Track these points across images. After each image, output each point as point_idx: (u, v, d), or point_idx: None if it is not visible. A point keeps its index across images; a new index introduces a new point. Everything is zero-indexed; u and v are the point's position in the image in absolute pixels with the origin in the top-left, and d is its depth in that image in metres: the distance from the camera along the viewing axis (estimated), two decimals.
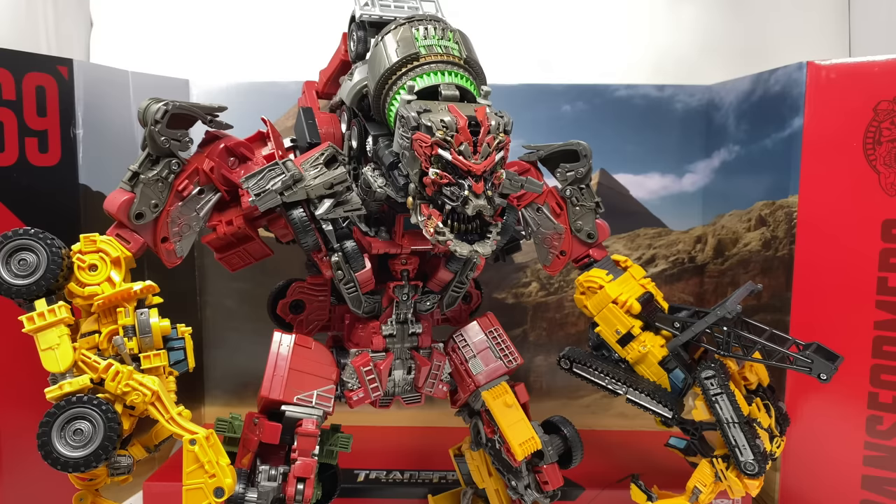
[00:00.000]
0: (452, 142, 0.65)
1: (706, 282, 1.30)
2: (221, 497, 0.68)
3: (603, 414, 1.33)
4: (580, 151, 0.87)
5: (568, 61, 1.48)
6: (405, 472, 1.13)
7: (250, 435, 0.80)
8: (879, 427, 1.01)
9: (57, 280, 0.71)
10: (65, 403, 0.67)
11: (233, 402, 1.32)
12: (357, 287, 0.80)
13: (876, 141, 0.99)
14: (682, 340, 0.82)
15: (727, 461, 0.80)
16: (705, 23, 1.51)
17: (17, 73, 0.99)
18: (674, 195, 1.30)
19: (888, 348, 1.00)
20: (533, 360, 1.33)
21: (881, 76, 0.98)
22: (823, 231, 1.02)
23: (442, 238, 0.67)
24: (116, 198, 0.76)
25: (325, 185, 0.74)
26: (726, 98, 1.23)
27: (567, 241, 0.89)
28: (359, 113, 0.80)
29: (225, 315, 1.32)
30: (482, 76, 0.74)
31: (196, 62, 1.46)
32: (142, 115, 0.76)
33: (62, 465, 0.66)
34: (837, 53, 1.50)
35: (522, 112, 1.24)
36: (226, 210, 0.82)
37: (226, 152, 0.81)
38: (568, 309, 1.32)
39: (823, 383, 0.75)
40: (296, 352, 0.81)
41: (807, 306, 1.04)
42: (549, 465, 0.86)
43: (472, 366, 0.88)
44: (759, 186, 1.14)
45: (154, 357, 0.72)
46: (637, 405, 0.83)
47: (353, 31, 0.81)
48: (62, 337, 0.69)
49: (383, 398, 0.87)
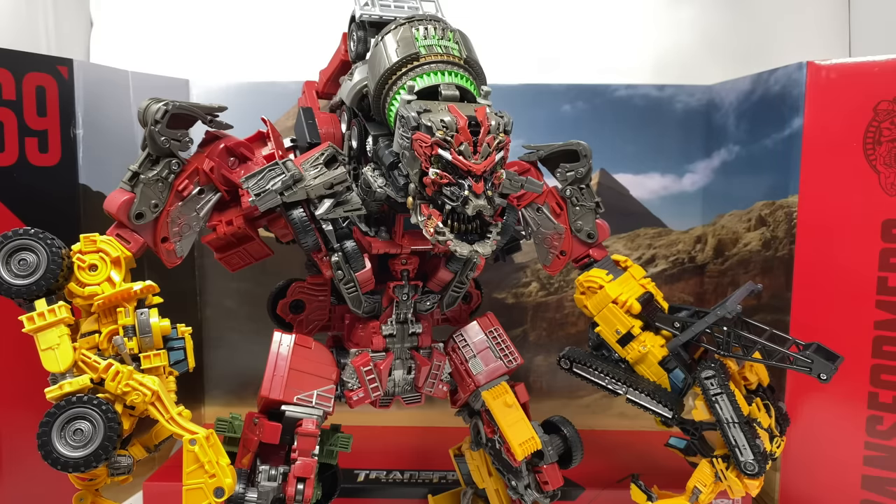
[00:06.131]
0: (452, 142, 0.65)
1: (706, 282, 1.30)
2: (221, 497, 0.68)
3: (603, 414, 1.33)
4: (580, 151, 0.87)
5: (568, 61, 1.48)
6: (405, 472, 1.13)
7: (250, 435, 0.80)
8: (879, 427, 1.01)
9: (57, 280, 0.71)
10: (65, 403, 0.67)
11: (233, 402, 1.32)
12: (357, 287, 0.80)
13: (876, 141, 0.99)
14: (682, 340, 0.82)
15: (727, 461, 0.80)
16: (705, 23, 1.51)
17: (17, 73, 0.99)
18: (674, 195, 1.30)
19: (888, 348, 1.00)
20: (533, 360, 1.33)
21: (881, 76, 0.98)
22: (823, 231, 1.02)
23: (442, 238, 0.67)
24: (116, 198, 0.76)
25: (325, 185, 0.74)
26: (726, 98, 1.23)
27: (567, 241, 0.89)
28: (359, 113, 0.80)
29: (225, 315, 1.32)
30: (482, 76, 0.74)
31: (196, 62, 1.46)
32: (142, 115, 0.76)
33: (62, 465, 0.66)
34: (837, 53, 1.50)
35: (522, 112, 1.24)
36: (226, 210, 0.82)
37: (226, 152, 0.81)
38: (568, 309, 1.32)
39: (823, 383, 0.75)
40: (296, 352, 0.81)
41: (807, 306, 1.04)
42: (549, 465, 0.86)
43: (472, 366, 0.88)
44: (759, 186, 1.14)
45: (154, 357, 0.72)
46: (637, 405, 0.83)
47: (353, 31, 0.81)
48: (62, 337, 0.69)
49: (383, 398, 0.87)
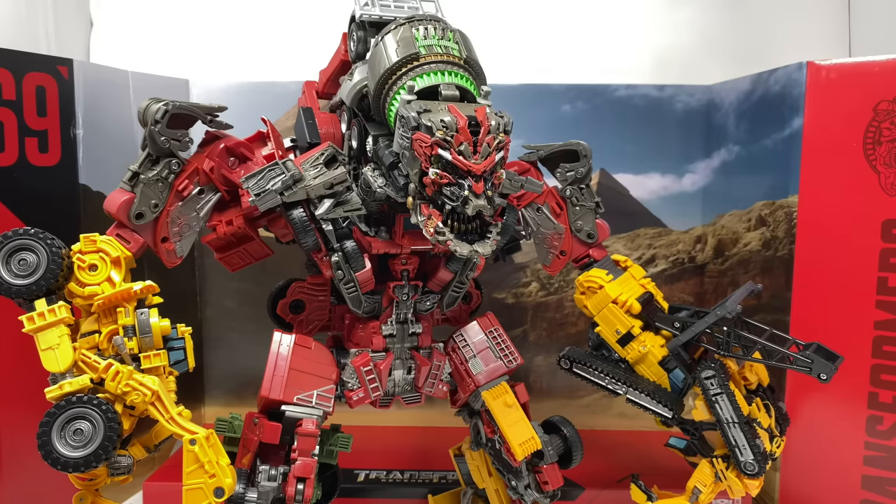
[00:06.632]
0: (452, 142, 0.65)
1: (706, 282, 1.30)
2: (221, 497, 0.68)
3: (603, 414, 1.33)
4: (580, 151, 0.87)
5: (568, 61, 1.48)
6: (405, 472, 1.13)
7: (250, 435, 0.80)
8: (879, 427, 1.01)
9: (57, 280, 0.71)
10: (65, 403, 0.67)
11: (233, 402, 1.32)
12: (357, 287, 0.80)
13: (876, 141, 0.99)
14: (682, 340, 0.82)
15: (727, 461, 0.80)
16: (705, 23, 1.51)
17: (17, 73, 0.99)
18: (674, 195, 1.30)
19: (888, 348, 1.00)
20: (533, 360, 1.33)
21: (881, 76, 0.98)
22: (823, 231, 1.02)
23: (442, 238, 0.67)
24: (116, 198, 0.76)
25: (325, 185, 0.74)
26: (726, 98, 1.23)
27: (567, 241, 0.89)
28: (359, 113, 0.80)
29: (225, 315, 1.32)
30: (482, 76, 0.74)
31: (196, 62, 1.46)
32: (142, 115, 0.76)
33: (62, 465, 0.66)
34: (837, 53, 1.50)
35: (522, 112, 1.24)
36: (226, 210, 0.82)
37: (226, 152, 0.80)
38: (568, 309, 1.32)
39: (823, 383, 0.75)
40: (296, 352, 0.81)
41: (807, 306, 1.04)
42: (549, 465, 0.86)
43: (472, 366, 0.88)
44: (759, 186, 1.14)
45: (154, 357, 0.72)
46: (637, 405, 0.83)
47: (353, 31, 0.81)
48: (62, 337, 0.69)
49: (383, 398, 0.87)
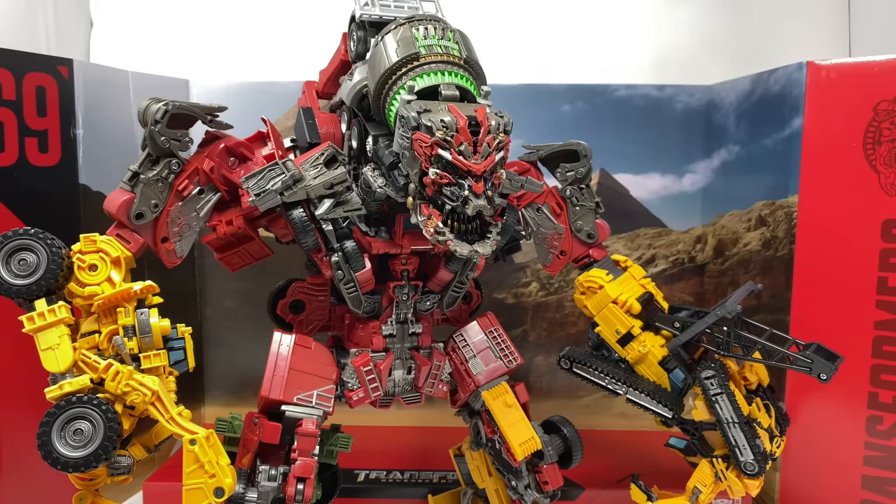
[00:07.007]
0: (452, 142, 0.65)
1: (706, 282, 1.30)
2: (221, 497, 0.68)
3: (603, 414, 1.33)
4: (580, 151, 0.87)
5: (568, 61, 1.48)
6: (405, 472, 1.13)
7: (250, 435, 0.80)
8: (879, 427, 1.01)
9: (57, 280, 0.71)
10: (65, 403, 0.67)
11: (233, 402, 1.32)
12: (357, 287, 0.80)
13: (876, 141, 0.99)
14: (682, 340, 0.82)
15: (727, 461, 0.80)
16: (705, 23, 1.51)
17: (17, 73, 0.99)
18: (674, 195, 1.30)
19: (888, 348, 1.00)
20: (533, 360, 1.33)
21: (881, 76, 0.98)
22: (823, 231, 1.02)
23: (442, 238, 0.67)
24: (116, 198, 0.76)
25: (325, 185, 0.74)
26: (726, 98, 1.23)
27: (567, 241, 0.89)
28: (359, 113, 0.80)
29: (225, 315, 1.32)
30: (482, 76, 0.74)
31: (196, 62, 1.46)
32: (142, 115, 0.76)
33: (62, 465, 0.66)
34: (837, 53, 1.50)
35: (522, 112, 1.24)
36: (226, 210, 0.82)
37: (226, 152, 0.80)
38: (568, 309, 1.32)
39: (823, 383, 0.75)
40: (296, 352, 0.81)
41: (807, 306, 1.04)
42: (549, 465, 0.86)
43: (472, 366, 0.88)
44: (759, 186, 1.14)
45: (154, 357, 0.72)
46: (637, 405, 0.83)
47: (353, 31, 0.81)
48: (62, 337, 0.69)
49: (383, 398, 0.87)
